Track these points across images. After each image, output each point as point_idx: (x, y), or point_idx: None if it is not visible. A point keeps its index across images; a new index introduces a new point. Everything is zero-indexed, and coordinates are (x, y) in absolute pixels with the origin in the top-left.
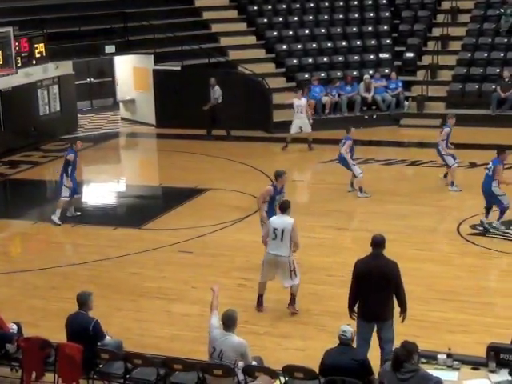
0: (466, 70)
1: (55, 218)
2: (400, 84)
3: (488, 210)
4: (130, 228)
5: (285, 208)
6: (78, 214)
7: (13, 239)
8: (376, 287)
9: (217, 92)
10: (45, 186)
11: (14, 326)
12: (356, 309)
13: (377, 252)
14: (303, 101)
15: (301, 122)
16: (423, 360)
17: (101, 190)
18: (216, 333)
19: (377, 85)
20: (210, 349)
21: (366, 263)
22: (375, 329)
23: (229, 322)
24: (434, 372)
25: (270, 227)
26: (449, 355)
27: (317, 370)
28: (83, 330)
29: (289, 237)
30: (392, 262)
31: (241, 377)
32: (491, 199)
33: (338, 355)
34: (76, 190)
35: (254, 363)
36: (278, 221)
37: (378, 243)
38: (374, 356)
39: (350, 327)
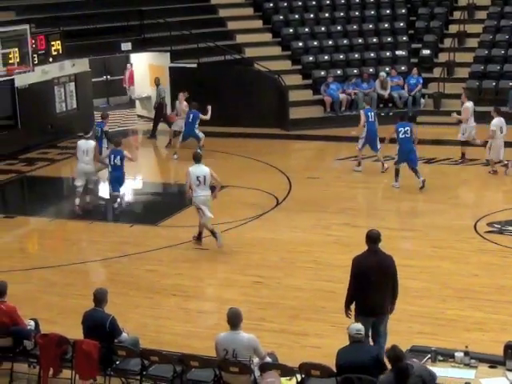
0: (482, 67)
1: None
2: (421, 80)
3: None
4: (147, 225)
5: (199, 158)
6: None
7: (30, 236)
8: (377, 282)
9: (162, 91)
10: (61, 184)
11: (32, 323)
12: (354, 306)
13: (374, 248)
14: (183, 104)
15: (182, 122)
16: (440, 358)
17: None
18: (222, 335)
19: (392, 83)
20: (220, 352)
21: (366, 259)
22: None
23: (236, 320)
24: (451, 370)
25: (193, 176)
26: (466, 353)
27: (333, 367)
28: (100, 326)
29: (209, 180)
30: (389, 256)
31: (257, 373)
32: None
33: (354, 353)
34: None
35: (268, 359)
36: (198, 170)
37: (374, 239)
38: None
39: (360, 325)
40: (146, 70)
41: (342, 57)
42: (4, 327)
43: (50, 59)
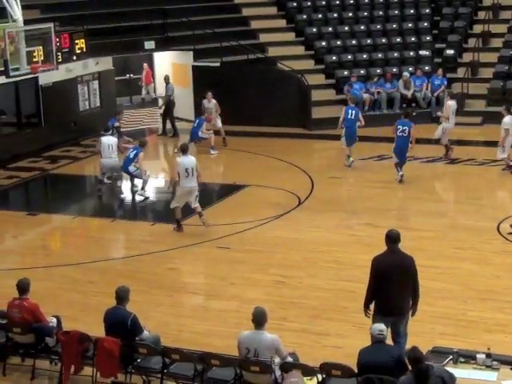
0: (507, 68)
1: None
2: (445, 82)
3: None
4: (169, 223)
5: (186, 150)
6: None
7: (52, 233)
8: (396, 282)
9: (170, 89)
10: (84, 181)
11: (54, 320)
12: (372, 305)
13: (393, 248)
14: (212, 102)
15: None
16: (462, 360)
17: (139, 186)
18: (245, 334)
19: (416, 88)
20: (242, 351)
21: (385, 259)
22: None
23: (261, 320)
24: (473, 372)
25: (182, 167)
26: (488, 355)
27: (354, 367)
28: (121, 324)
29: (195, 171)
30: (409, 256)
31: (278, 373)
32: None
33: (375, 353)
34: None
35: (289, 359)
36: (187, 161)
37: (394, 239)
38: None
39: (383, 325)
40: (169, 68)
41: (365, 56)
42: (26, 324)
43: (74, 57)
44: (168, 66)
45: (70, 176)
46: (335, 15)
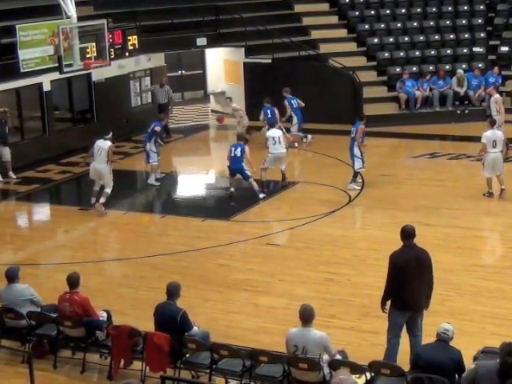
0: None
1: (152, 181)
2: (500, 80)
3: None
4: (219, 220)
5: (273, 124)
6: (163, 175)
7: (103, 228)
8: (415, 277)
9: (170, 92)
10: (135, 177)
11: (104, 314)
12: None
13: (409, 243)
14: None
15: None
16: None
17: (190, 182)
18: (293, 331)
19: (474, 88)
20: (290, 348)
21: (403, 255)
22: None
23: (308, 317)
24: None
25: (271, 137)
26: None
27: (403, 366)
28: (171, 319)
29: (284, 140)
30: (424, 250)
31: (326, 370)
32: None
33: (435, 351)
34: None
35: (338, 357)
36: (273, 132)
37: (410, 234)
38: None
39: (451, 326)
40: (221, 65)
41: (417, 53)
42: (77, 318)
43: (127, 54)
44: (220, 62)
45: (121, 171)
46: (388, 12)
